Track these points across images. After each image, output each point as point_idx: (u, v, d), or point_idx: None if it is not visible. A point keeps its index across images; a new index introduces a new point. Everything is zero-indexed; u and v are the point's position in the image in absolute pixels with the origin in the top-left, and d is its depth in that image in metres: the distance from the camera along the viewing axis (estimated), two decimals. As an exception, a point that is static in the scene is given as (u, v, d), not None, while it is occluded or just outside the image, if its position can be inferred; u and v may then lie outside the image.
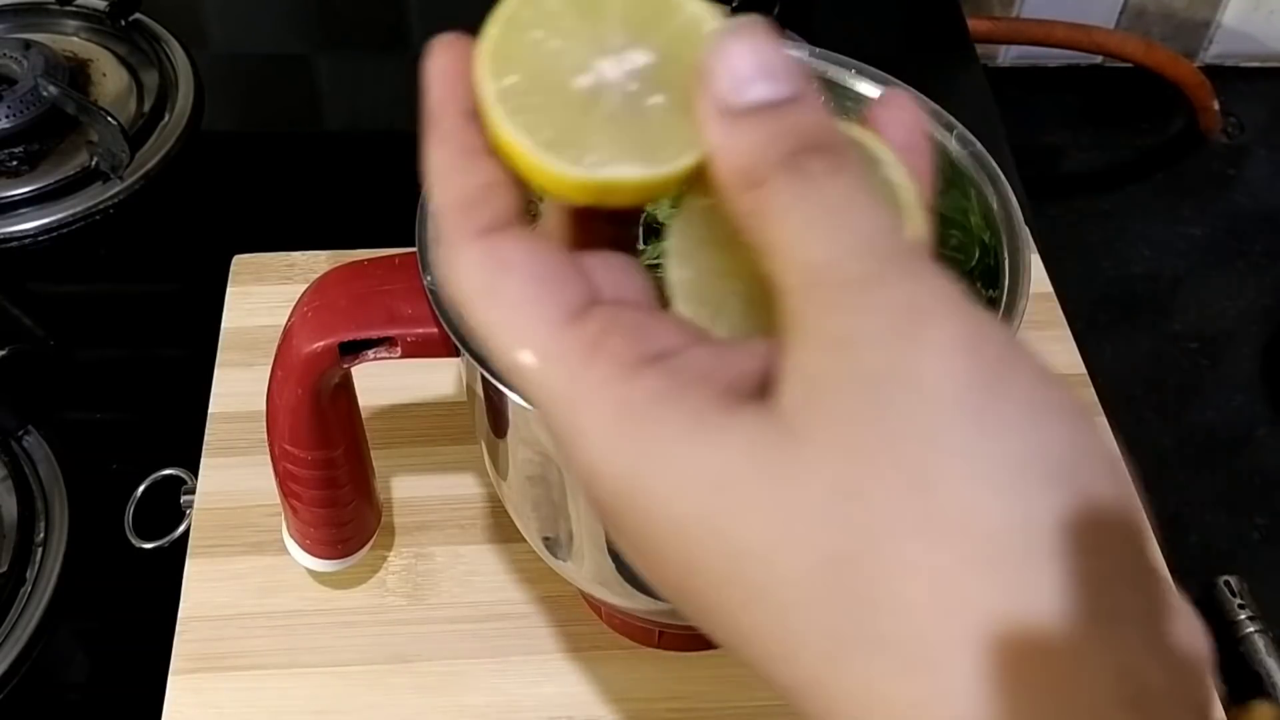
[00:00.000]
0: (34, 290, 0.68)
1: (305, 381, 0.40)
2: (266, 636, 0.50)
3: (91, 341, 0.66)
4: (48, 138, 0.72)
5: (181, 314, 0.66)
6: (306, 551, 0.48)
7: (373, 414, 0.55)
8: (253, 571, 0.52)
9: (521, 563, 0.53)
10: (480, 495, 0.55)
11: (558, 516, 0.42)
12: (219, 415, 0.57)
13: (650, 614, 0.46)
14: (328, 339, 0.39)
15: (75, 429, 0.61)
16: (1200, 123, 0.78)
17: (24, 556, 0.54)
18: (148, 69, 0.78)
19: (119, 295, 0.69)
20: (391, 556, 0.53)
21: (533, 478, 0.41)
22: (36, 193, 0.70)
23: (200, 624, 0.50)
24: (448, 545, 0.53)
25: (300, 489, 0.45)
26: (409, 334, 0.39)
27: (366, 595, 0.52)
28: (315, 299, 0.40)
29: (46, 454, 0.59)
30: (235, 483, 0.54)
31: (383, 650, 0.50)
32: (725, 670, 0.50)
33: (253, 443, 0.53)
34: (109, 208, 0.70)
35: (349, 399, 0.44)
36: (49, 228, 0.69)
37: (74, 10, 0.80)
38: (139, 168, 0.72)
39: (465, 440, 0.56)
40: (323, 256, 0.63)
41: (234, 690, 0.48)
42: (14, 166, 0.71)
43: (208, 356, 0.59)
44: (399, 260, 0.40)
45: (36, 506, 0.56)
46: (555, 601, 0.51)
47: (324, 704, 0.48)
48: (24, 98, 0.71)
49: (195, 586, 0.51)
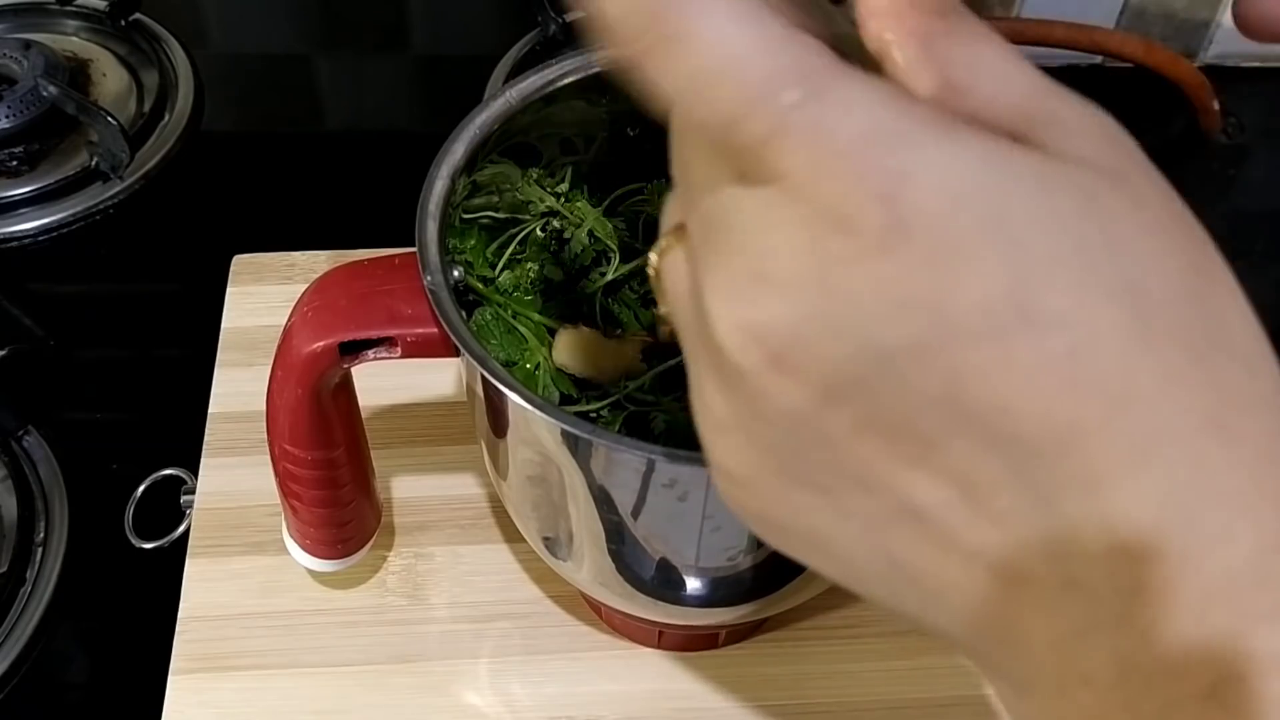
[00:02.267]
0: (34, 290, 0.68)
1: (305, 381, 0.40)
2: (267, 636, 0.50)
3: (91, 341, 0.66)
4: (48, 138, 0.72)
5: (181, 314, 0.66)
6: (306, 551, 0.48)
7: (373, 414, 0.55)
8: (253, 571, 0.52)
9: (521, 563, 0.53)
10: (480, 495, 0.55)
11: (558, 516, 0.42)
12: (219, 415, 0.57)
13: (650, 614, 0.46)
14: (328, 339, 0.39)
15: (75, 429, 0.61)
16: (1200, 123, 0.78)
17: (24, 556, 0.54)
18: (148, 69, 0.78)
19: (119, 295, 0.69)
20: (391, 556, 0.53)
21: (533, 478, 0.41)
22: (36, 193, 0.70)
23: (200, 624, 0.50)
24: (448, 545, 0.53)
25: (300, 489, 0.45)
26: (409, 334, 0.39)
27: (366, 595, 0.52)
28: (315, 299, 0.40)
29: (46, 454, 0.59)
30: (235, 483, 0.54)
31: (383, 650, 0.50)
32: (725, 670, 0.50)
33: (253, 443, 0.53)
34: (109, 208, 0.70)
35: (349, 399, 0.44)
36: (49, 228, 0.69)
37: (74, 10, 0.80)
38: (139, 168, 0.72)
39: (465, 440, 0.56)
40: (323, 256, 0.63)
41: (234, 690, 0.48)
42: (14, 166, 0.71)
43: (208, 356, 0.59)
44: (399, 260, 0.40)
45: (36, 506, 0.56)
46: (555, 601, 0.51)
47: (324, 704, 0.48)
48: (24, 98, 0.71)
49: (195, 586, 0.51)
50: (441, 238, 0.39)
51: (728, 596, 0.43)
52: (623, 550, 0.41)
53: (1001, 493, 0.21)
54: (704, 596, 0.43)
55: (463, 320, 0.37)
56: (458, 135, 0.41)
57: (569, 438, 0.36)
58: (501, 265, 0.44)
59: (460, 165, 0.41)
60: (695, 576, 0.42)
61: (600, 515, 0.39)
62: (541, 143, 0.45)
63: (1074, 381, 0.20)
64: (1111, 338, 0.20)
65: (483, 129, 0.42)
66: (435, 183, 0.40)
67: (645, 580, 0.42)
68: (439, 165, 0.41)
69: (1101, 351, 0.20)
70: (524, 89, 0.43)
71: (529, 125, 0.44)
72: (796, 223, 0.21)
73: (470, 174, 0.42)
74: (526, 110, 0.42)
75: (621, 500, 0.38)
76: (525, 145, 0.45)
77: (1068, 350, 0.20)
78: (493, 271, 0.44)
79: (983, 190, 0.20)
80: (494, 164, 0.44)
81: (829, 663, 0.50)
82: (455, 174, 0.41)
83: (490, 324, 0.42)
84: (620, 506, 0.38)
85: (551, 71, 0.43)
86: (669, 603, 0.43)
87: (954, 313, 0.20)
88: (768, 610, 0.46)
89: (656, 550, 0.40)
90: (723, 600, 0.43)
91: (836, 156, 0.20)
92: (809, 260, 0.21)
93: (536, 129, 0.44)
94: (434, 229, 0.39)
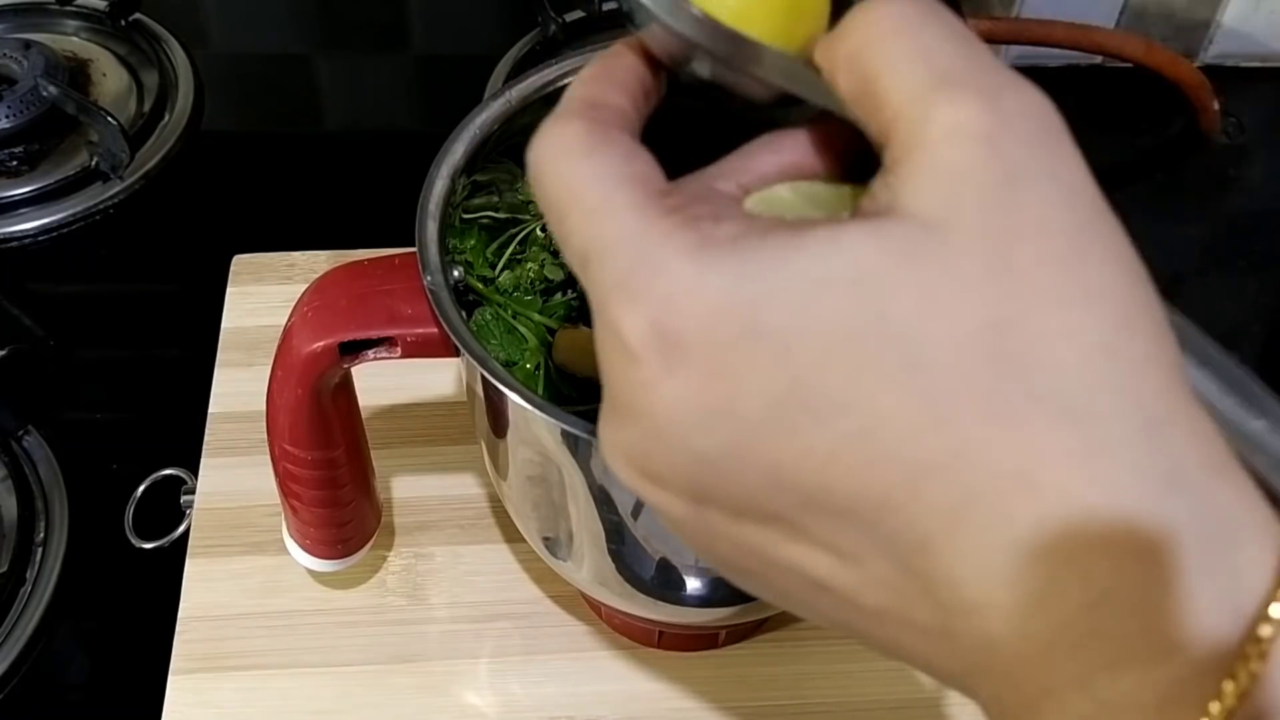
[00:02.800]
0: (34, 290, 0.68)
1: (305, 381, 0.40)
2: (266, 636, 0.50)
3: (91, 341, 0.66)
4: (48, 138, 0.72)
5: (181, 314, 0.66)
6: (306, 551, 0.48)
7: (373, 414, 0.55)
8: (253, 571, 0.52)
9: (521, 563, 0.53)
10: (480, 495, 0.55)
11: (558, 516, 0.42)
12: (219, 415, 0.57)
13: (650, 614, 0.46)
14: (328, 339, 0.39)
15: (75, 429, 0.61)
16: (1200, 123, 0.78)
17: (24, 556, 0.54)
18: (148, 69, 0.78)
19: (119, 295, 0.69)
20: (391, 556, 0.53)
21: (533, 478, 0.41)
22: (36, 193, 0.70)
23: (200, 624, 0.50)
24: (448, 545, 0.53)
25: (300, 489, 0.45)
26: (409, 334, 0.39)
27: (366, 595, 0.52)
28: (315, 299, 0.40)
29: (46, 454, 0.59)
30: (235, 483, 0.54)
31: (383, 650, 0.50)
32: (725, 670, 0.50)
33: (253, 443, 0.53)
34: (109, 208, 0.70)
35: (349, 399, 0.44)
36: (49, 228, 0.69)
37: (74, 10, 0.80)
38: (139, 168, 0.72)
39: (465, 440, 0.56)
40: (323, 256, 0.63)
41: (234, 690, 0.48)
42: (14, 166, 0.71)
43: (208, 356, 0.59)
44: (399, 260, 0.40)
45: (36, 506, 0.56)
46: (555, 601, 0.51)
47: (324, 704, 0.48)
48: (24, 98, 0.71)
49: (195, 586, 0.51)
50: (441, 238, 0.39)
51: (728, 596, 0.43)
52: (623, 550, 0.41)
53: (868, 557, 0.22)
54: (704, 596, 0.43)
55: (463, 320, 0.37)
56: (458, 135, 0.41)
57: (569, 438, 0.36)
58: (501, 265, 0.44)
59: (460, 165, 0.41)
60: (695, 576, 0.42)
61: (600, 515, 0.39)
62: (541, 143, 0.45)
63: (871, 459, 0.21)
64: (897, 415, 0.21)
65: (483, 129, 0.42)
66: (435, 183, 0.40)
67: (645, 580, 0.42)
68: (439, 165, 0.41)
69: (890, 429, 0.21)
70: (524, 89, 0.43)
71: (529, 125, 0.44)
72: (611, 351, 0.23)
73: (470, 174, 0.42)
74: (526, 110, 0.42)
75: (621, 500, 0.38)
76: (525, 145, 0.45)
77: (858, 431, 0.21)
78: (493, 271, 0.44)
79: (735, 301, 0.21)
80: (494, 164, 0.44)
81: (829, 663, 0.50)
82: (455, 174, 0.41)
83: (490, 324, 0.42)
84: (620, 506, 0.38)
85: (551, 71, 0.43)
86: (669, 603, 0.43)
87: (748, 415, 0.22)
88: (768, 610, 0.47)
89: (656, 550, 0.40)
90: (723, 600, 0.43)
91: (614, 289, 0.23)
92: (626, 387, 0.23)
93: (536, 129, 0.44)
94: (434, 229, 0.39)
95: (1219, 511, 0.21)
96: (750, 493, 0.22)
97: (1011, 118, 0.22)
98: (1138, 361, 0.21)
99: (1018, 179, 0.22)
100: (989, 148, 0.22)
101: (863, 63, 0.24)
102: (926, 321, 0.21)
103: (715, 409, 0.22)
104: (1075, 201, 0.22)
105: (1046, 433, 0.21)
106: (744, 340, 0.21)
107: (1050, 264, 0.21)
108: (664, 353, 0.22)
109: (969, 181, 0.22)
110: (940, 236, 0.21)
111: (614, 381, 0.24)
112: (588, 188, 0.24)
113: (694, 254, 0.22)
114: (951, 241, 0.21)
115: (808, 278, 0.21)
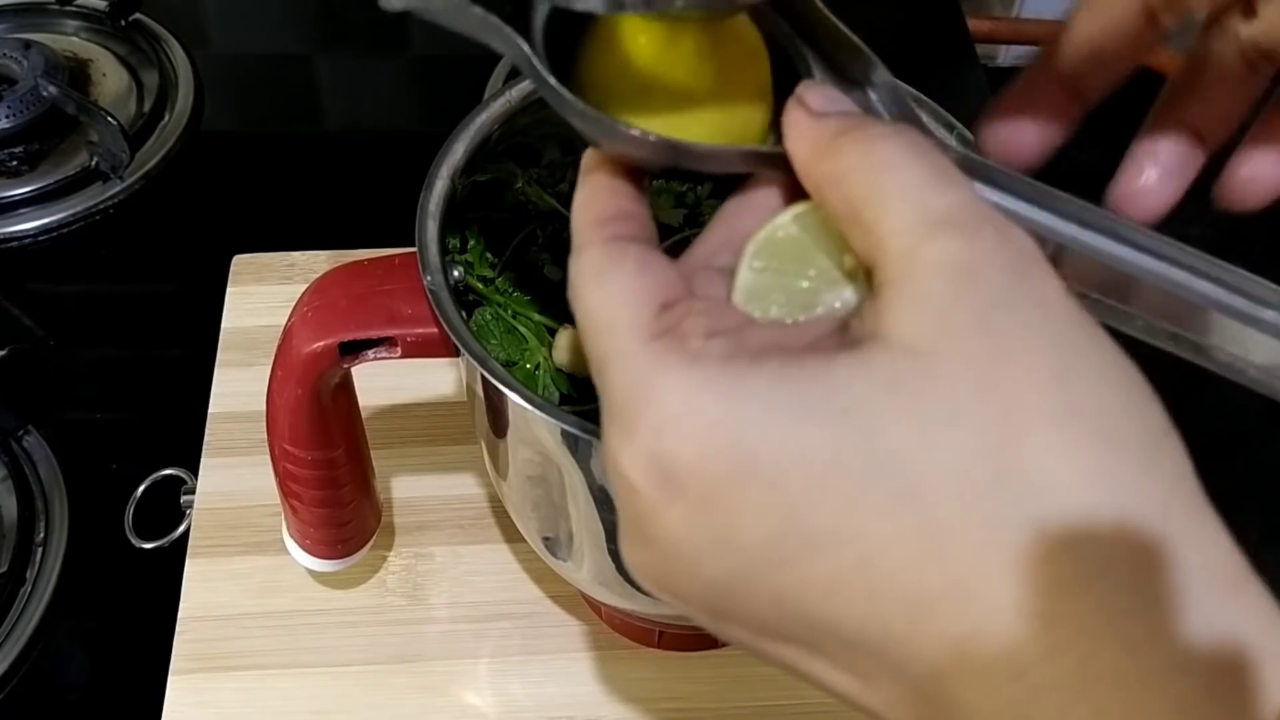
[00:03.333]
0: (34, 290, 0.68)
1: (305, 381, 0.40)
2: (266, 636, 0.50)
3: (91, 341, 0.66)
4: (48, 138, 0.72)
5: (181, 314, 0.66)
6: (306, 551, 0.48)
7: (373, 414, 0.55)
8: (253, 571, 0.52)
9: (521, 563, 0.53)
10: (480, 495, 0.55)
11: (558, 516, 0.42)
12: (219, 415, 0.57)
13: (650, 614, 0.46)
14: (328, 339, 0.39)
15: (75, 429, 0.61)
16: (1200, 123, 0.78)
17: (24, 556, 0.54)
18: (148, 69, 0.78)
19: (119, 295, 0.69)
20: (391, 556, 0.53)
21: (533, 478, 0.41)
22: (36, 193, 0.70)
23: (200, 624, 0.50)
24: (448, 545, 0.53)
25: (300, 489, 0.45)
26: (409, 334, 0.39)
27: (366, 595, 0.52)
28: (315, 299, 0.40)
29: (46, 454, 0.59)
30: (235, 483, 0.54)
31: (383, 650, 0.50)
32: (725, 670, 0.50)
33: (253, 443, 0.53)
34: (109, 208, 0.70)
35: (349, 399, 0.44)
36: (49, 228, 0.69)
37: (74, 10, 0.80)
38: (139, 168, 0.72)
39: (465, 440, 0.56)
40: (323, 256, 0.63)
41: (234, 690, 0.48)
42: (14, 166, 0.71)
43: (208, 356, 0.59)
44: (399, 260, 0.40)
45: (36, 506, 0.56)
46: (555, 601, 0.51)
47: (324, 704, 0.48)
48: (24, 98, 0.71)
49: (195, 586, 0.51)
50: (441, 238, 0.39)
51: (728, 596, 0.43)
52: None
53: (882, 681, 0.22)
54: (704, 596, 0.43)
55: (463, 320, 0.37)
56: (458, 135, 0.41)
57: (569, 438, 0.36)
58: (501, 265, 0.44)
59: (460, 165, 0.41)
60: (695, 576, 0.42)
61: (600, 515, 0.39)
62: (541, 143, 0.45)
63: (872, 591, 0.21)
64: (894, 545, 0.21)
65: (483, 129, 0.42)
66: (435, 183, 0.40)
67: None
68: (439, 165, 0.41)
69: (888, 559, 0.21)
70: (524, 89, 0.43)
71: (529, 125, 0.44)
72: (614, 478, 0.24)
73: (470, 174, 0.42)
74: (526, 110, 0.42)
75: (621, 500, 0.38)
76: (525, 145, 0.45)
77: (857, 562, 0.21)
78: (493, 271, 0.44)
79: (726, 431, 0.22)
80: (494, 164, 0.44)
81: (829, 663, 0.50)
82: (455, 174, 0.41)
83: (490, 324, 0.42)
84: (620, 506, 0.38)
85: (551, 71, 0.43)
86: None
87: (747, 547, 0.22)
88: (768, 610, 0.46)
89: (656, 550, 0.40)
90: (723, 600, 0.43)
91: (613, 419, 0.24)
92: (634, 514, 0.24)
93: (536, 129, 0.44)
94: (434, 229, 0.39)
95: (1235, 634, 0.21)
96: (763, 618, 0.23)
97: (990, 250, 0.23)
98: (1135, 474, 0.21)
99: (1000, 305, 0.22)
100: (971, 278, 0.22)
101: (850, 187, 0.25)
102: (918, 450, 0.21)
103: (716, 540, 0.23)
104: (1057, 321, 0.22)
105: (1046, 559, 0.21)
106: (737, 473, 0.22)
107: (1037, 383, 0.22)
108: (661, 484, 0.23)
109: (954, 309, 0.22)
110: (927, 363, 0.22)
111: (622, 507, 0.24)
112: (598, 311, 0.25)
113: (685, 374, 0.23)
114: (939, 368, 0.22)
115: (797, 409, 0.22)
